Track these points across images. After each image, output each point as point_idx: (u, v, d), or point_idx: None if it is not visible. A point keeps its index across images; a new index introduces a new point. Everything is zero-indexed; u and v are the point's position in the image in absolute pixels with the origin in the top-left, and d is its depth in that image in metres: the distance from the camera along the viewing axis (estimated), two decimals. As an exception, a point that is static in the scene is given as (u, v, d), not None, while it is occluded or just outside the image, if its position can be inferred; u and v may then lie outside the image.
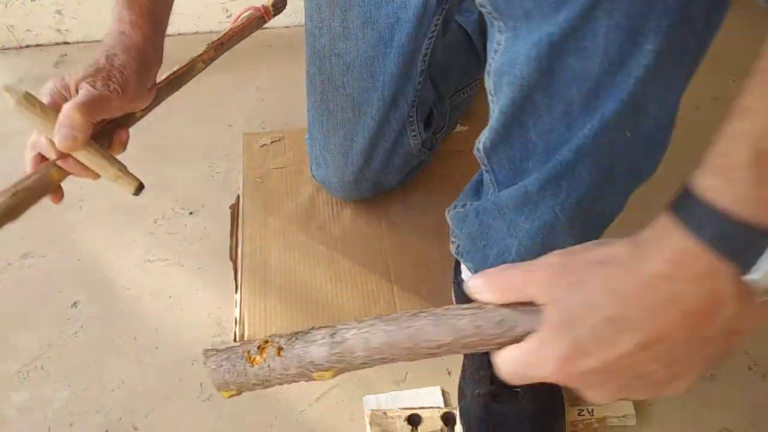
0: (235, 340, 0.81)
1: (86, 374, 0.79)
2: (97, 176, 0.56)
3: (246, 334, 0.82)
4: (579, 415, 0.72)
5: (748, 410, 0.74)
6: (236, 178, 1.01)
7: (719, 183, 0.32)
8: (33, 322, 0.84)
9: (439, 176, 0.99)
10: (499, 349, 0.39)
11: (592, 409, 0.73)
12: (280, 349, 0.46)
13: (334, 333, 0.43)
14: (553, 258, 0.38)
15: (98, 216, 0.97)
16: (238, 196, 0.99)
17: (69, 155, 0.54)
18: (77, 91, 0.53)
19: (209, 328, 0.83)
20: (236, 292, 0.87)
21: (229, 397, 0.49)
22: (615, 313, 0.34)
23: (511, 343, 0.38)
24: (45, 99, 0.54)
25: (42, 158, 0.55)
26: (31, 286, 0.89)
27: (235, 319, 0.84)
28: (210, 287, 0.88)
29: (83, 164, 0.54)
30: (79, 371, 0.79)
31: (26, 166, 0.56)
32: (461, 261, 0.75)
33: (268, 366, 0.46)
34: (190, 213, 0.97)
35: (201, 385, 0.78)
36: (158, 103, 0.63)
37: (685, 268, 0.33)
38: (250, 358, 0.47)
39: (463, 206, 0.69)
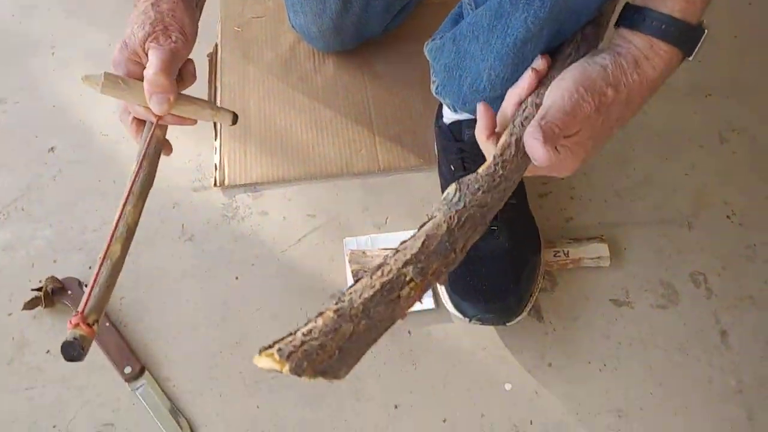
0: (215, 185, 0.81)
1: (67, 215, 0.79)
2: (195, 121, 0.59)
3: (226, 179, 0.81)
4: (554, 256, 0.74)
5: (721, 255, 0.76)
6: (214, 27, 0.96)
7: (686, 6, 0.48)
8: (10, 166, 0.83)
9: (424, 27, 0.94)
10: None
11: (568, 251, 0.74)
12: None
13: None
14: (584, 92, 0.48)
15: (72, 63, 0.93)
16: (216, 45, 0.94)
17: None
18: (146, 54, 0.54)
19: (189, 173, 0.83)
20: (215, 139, 0.85)
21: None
22: (622, 113, 0.50)
23: None
24: (121, 72, 0.56)
25: (140, 121, 0.58)
26: (5, 133, 0.87)
27: (215, 165, 0.83)
28: (189, 134, 0.86)
29: (180, 116, 0.57)
30: (60, 212, 0.80)
31: (129, 133, 0.59)
32: (440, 99, 0.73)
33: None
34: (167, 61, 0.94)
35: (182, 226, 0.78)
36: None
37: (667, 68, 0.50)
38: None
39: (441, 37, 0.66)
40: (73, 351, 0.44)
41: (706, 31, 0.50)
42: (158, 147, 0.56)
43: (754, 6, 1.00)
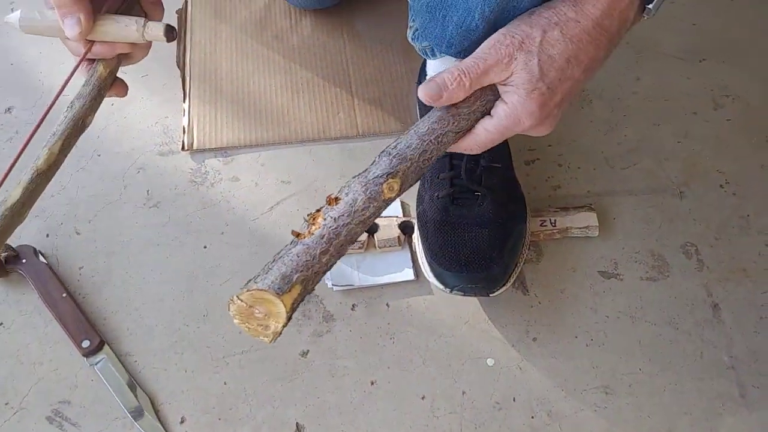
0: (183, 149, 0.76)
1: (23, 180, 0.74)
2: (130, 49, 0.51)
3: (195, 143, 0.76)
4: (541, 225, 0.70)
5: (714, 225, 0.73)
6: (184, -17, 0.91)
7: None
8: (-37, 128, 0.78)
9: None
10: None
11: (555, 220, 0.70)
12: (333, 200, 0.44)
13: (383, 151, 0.47)
14: (501, 37, 0.47)
15: (30, 19, 0.87)
16: (186, 1, 0.89)
17: (93, 42, 0.49)
18: None
19: (155, 137, 0.77)
20: (184, 101, 0.80)
21: (293, 304, 0.40)
22: (573, 53, 0.46)
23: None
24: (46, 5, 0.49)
25: (90, 62, 0.52)
26: (-42, 92, 0.81)
27: (183, 128, 0.78)
28: (156, 96, 0.81)
29: (110, 42, 0.50)
30: (16, 176, 0.74)
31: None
32: (417, 46, 0.68)
33: (331, 218, 0.42)
34: (133, 18, 0.88)
35: (148, 192, 0.74)
36: None
37: (612, 6, 0.46)
38: (303, 234, 0.42)
39: None
40: None
41: None
42: (100, 84, 0.51)
43: (752, -32, 0.96)
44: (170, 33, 0.50)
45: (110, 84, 0.52)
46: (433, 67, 0.69)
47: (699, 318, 0.67)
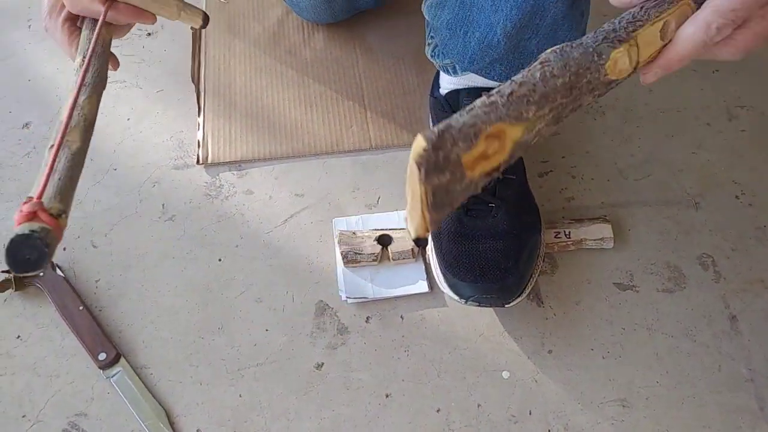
0: (198, 162, 0.77)
1: (41, 194, 0.75)
2: (154, 18, 0.50)
3: (209, 157, 0.77)
4: (555, 237, 0.70)
5: (730, 236, 0.72)
6: (199, -1, 0.92)
7: None
8: (-18, 143, 0.79)
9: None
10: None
11: (569, 232, 0.70)
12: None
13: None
14: None
15: (48, 37, 0.88)
16: (201, 17, 0.90)
17: (117, 2, 0.47)
18: None
19: (170, 151, 0.78)
20: (199, 115, 0.81)
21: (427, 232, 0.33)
22: None
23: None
24: None
25: (73, 25, 0.50)
26: (-22, 108, 0.82)
27: (198, 142, 0.78)
28: (171, 110, 0.82)
29: (136, 6, 0.48)
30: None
31: (59, 43, 0.51)
32: (438, 63, 0.68)
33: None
34: (149, 34, 0.89)
35: (163, 205, 0.74)
36: None
37: None
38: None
39: None
40: (31, 250, 0.26)
41: None
42: (106, 48, 0.49)
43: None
44: (206, 22, 0.51)
45: (112, 58, 0.51)
46: (450, 81, 0.69)
47: (717, 330, 0.66)
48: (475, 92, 0.66)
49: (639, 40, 0.35)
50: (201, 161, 0.77)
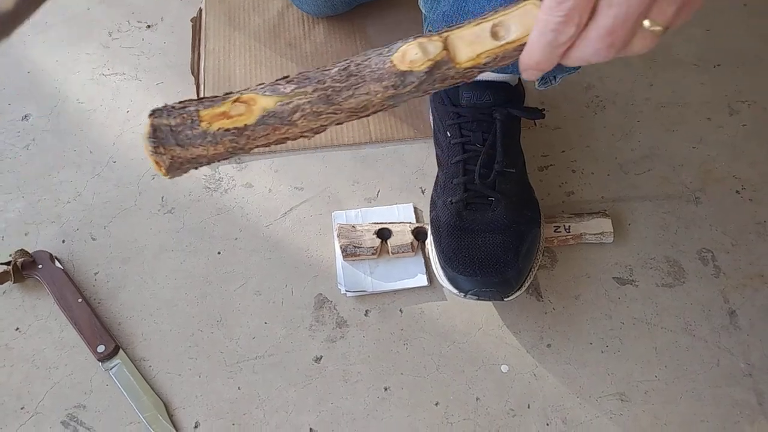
0: (197, 155, 0.77)
1: (40, 186, 0.75)
2: None
3: (209, 149, 0.77)
4: (555, 231, 0.70)
5: (730, 232, 0.72)
6: (199, -9, 0.92)
7: None
8: (-19, 135, 0.79)
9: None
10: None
11: (569, 226, 0.70)
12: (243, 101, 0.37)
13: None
14: None
15: (48, 29, 0.88)
16: (200, 10, 0.89)
17: None
18: None
19: (170, 144, 0.78)
20: (198, 108, 0.81)
21: (167, 173, 0.38)
22: None
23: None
24: None
25: None
26: (-23, 100, 0.82)
27: (198, 135, 0.78)
28: (170, 102, 0.81)
29: None
30: (33, 183, 0.75)
31: None
32: None
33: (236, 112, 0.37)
34: (148, 26, 0.89)
35: (162, 198, 0.74)
36: None
37: None
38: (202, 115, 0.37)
39: None
40: None
41: None
42: None
43: (766, -26, 0.95)
44: None
45: None
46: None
47: (716, 325, 0.66)
48: (475, 86, 0.66)
49: (452, 37, 0.35)
50: (200, 154, 0.77)
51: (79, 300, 0.66)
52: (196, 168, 0.38)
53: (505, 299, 0.62)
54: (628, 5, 0.32)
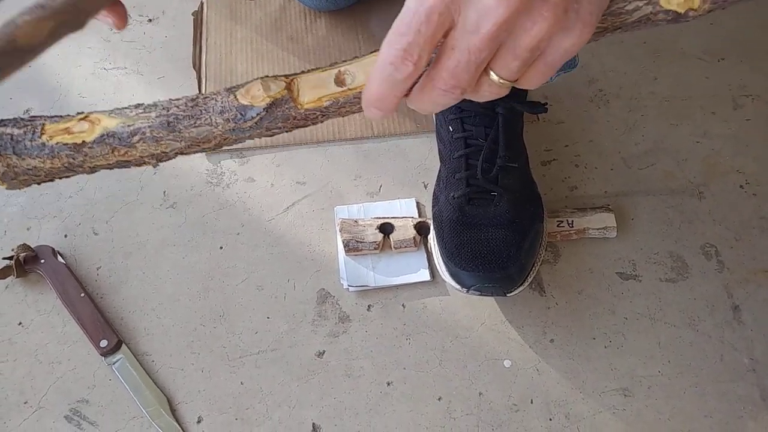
0: (199, 150, 0.77)
1: (42, 181, 0.75)
2: None
3: (211, 144, 0.77)
4: (558, 226, 0.70)
5: (734, 226, 0.72)
6: (200, -15, 0.91)
7: None
8: (-17, 130, 0.79)
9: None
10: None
11: (572, 221, 0.70)
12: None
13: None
14: None
15: None
16: (202, 3, 0.89)
17: None
18: None
19: (172, 138, 0.78)
20: (200, 102, 0.80)
21: (2, 182, 0.38)
22: None
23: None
24: None
25: None
26: (-22, 94, 0.82)
27: (199, 129, 0.78)
28: (172, 96, 0.81)
29: None
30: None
31: None
32: None
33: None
34: (149, 20, 0.88)
35: (164, 193, 0.74)
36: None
37: None
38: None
39: None
40: None
41: None
42: None
43: (771, -33, 0.95)
44: None
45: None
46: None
47: (719, 320, 0.66)
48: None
49: (298, 80, 0.36)
50: (202, 148, 0.76)
51: (82, 295, 0.66)
52: (36, 182, 0.38)
53: (507, 295, 0.62)
54: (469, 52, 0.30)
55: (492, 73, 0.32)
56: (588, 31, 0.31)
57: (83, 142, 0.36)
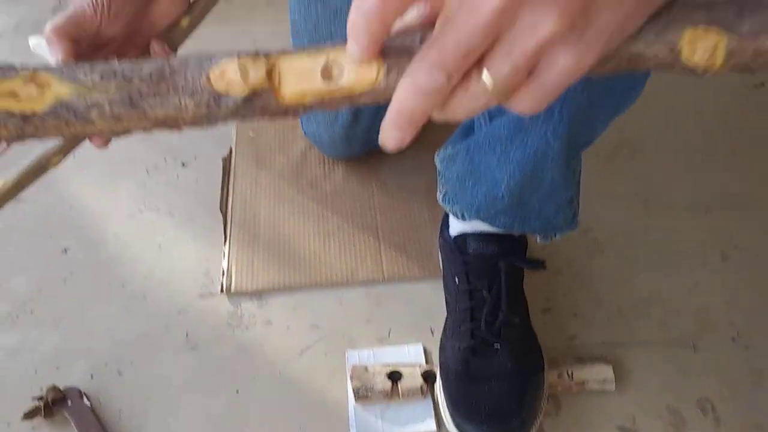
0: (222, 291, 0.82)
1: (74, 320, 0.80)
2: None
3: (233, 286, 0.82)
4: (558, 377, 0.73)
5: (728, 381, 0.75)
6: (230, 132, 1.00)
7: None
8: (24, 266, 0.85)
9: (432, 137, 0.97)
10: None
11: (572, 372, 0.73)
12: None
13: None
14: None
15: (90, 165, 0.97)
16: (231, 150, 0.98)
17: None
18: None
19: (197, 279, 0.84)
20: (224, 244, 0.87)
21: None
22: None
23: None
24: None
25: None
26: (22, 232, 0.89)
27: (223, 271, 0.84)
28: (199, 238, 0.88)
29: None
30: (68, 316, 0.80)
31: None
32: (448, 208, 0.74)
33: None
34: (183, 164, 0.97)
35: (187, 334, 0.79)
36: (201, 17, 0.55)
37: None
38: None
39: (453, 147, 0.69)
40: None
41: None
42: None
43: (751, 121, 1.03)
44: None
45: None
46: (459, 226, 0.75)
47: (717, 478, 0.68)
48: (482, 237, 0.72)
49: (280, 63, 0.31)
50: (224, 290, 0.82)
51: (104, 437, 0.69)
52: None
53: (511, 450, 0.65)
54: (460, 32, 0.28)
55: (484, 71, 0.29)
56: (590, 56, 0.29)
57: (33, 113, 0.31)
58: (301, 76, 0.31)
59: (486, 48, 0.28)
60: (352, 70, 0.31)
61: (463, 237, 0.75)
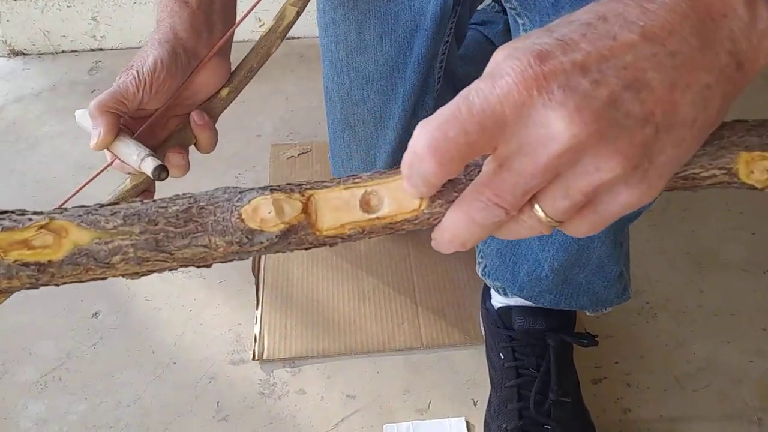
0: (254, 358, 0.79)
1: (103, 387, 0.77)
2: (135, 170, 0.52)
3: (265, 353, 0.79)
4: (613, 456, 0.68)
5: (800, 460, 0.69)
6: (262, 190, 0.99)
7: None
8: (54, 331, 0.84)
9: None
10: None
11: (628, 451, 0.68)
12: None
13: None
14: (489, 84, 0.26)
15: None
16: (263, 209, 0.97)
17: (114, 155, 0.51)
18: None
19: (228, 345, 0.81)
20: (257, 309, 0.84)
21: None
22: (604, 12, 0.27)
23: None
24: None
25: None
26: (52, 296, 0.88)
27: (255, 337, 0.81)
28: (230, 302, 0.86)
29: (119, 157, 0.52)
30: (96, 384, 0.78)
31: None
32: (488, 282, 0.71)
33: None
34: (215, 224, 0.96)
35: (218, 404, 0.75)
36: (240, 87, 0.58)
37: None
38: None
39: None
40: None
41: None
42: (118, 195, 0.53)
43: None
44: (158, 173, 0.50)
45: (131, 196, 0.54)
46: (501, 299, 0.71)
47: None
48: (528, 311, 0.68)
49: (316, 197, 0.30)
50: (257, 357, 0.79)
51: None
52: None
53: None
54: (519, 176, 0.27)
55: (537, 206, 0.28)
56: (651, 194, 0.27)
57: (49, 262, 0.29)
58: (338, 209, 0.31)
59: (544, 185, 0.27)
60: (393, 200, 0.30)
61: (507, 310, 0.71)
